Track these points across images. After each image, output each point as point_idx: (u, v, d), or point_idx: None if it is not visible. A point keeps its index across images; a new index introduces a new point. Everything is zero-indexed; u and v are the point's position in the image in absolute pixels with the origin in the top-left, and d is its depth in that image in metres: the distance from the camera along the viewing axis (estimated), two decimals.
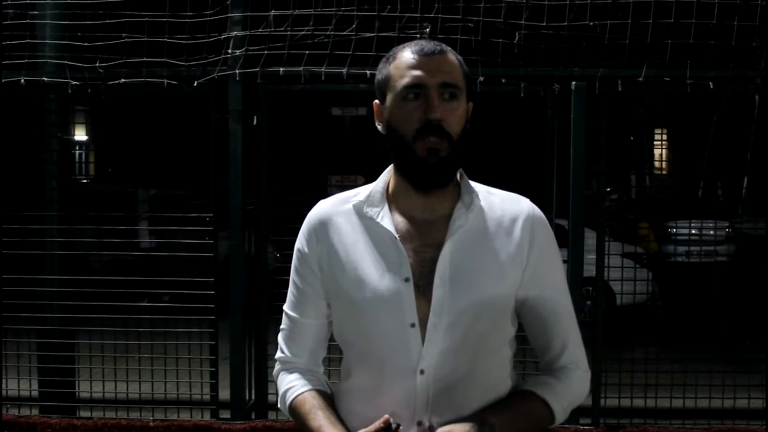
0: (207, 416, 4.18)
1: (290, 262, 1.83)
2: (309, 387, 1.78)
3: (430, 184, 1.66)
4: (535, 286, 1.71)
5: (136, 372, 4.39)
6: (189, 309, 4.16)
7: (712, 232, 6.68)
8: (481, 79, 3.90)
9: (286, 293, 1.85)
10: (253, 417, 4.19)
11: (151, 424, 3.99)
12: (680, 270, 8.58)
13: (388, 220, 1.70)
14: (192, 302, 4.14)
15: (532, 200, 1.79)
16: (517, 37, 3.91)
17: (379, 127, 1.71)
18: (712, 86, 3.93)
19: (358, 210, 1.73)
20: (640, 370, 4.26)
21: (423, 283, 1.65)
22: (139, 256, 5.16)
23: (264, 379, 4.25)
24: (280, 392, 1.82)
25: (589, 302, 5.01)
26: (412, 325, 1.64)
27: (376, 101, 1.72)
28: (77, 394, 4.47)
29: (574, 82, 3.96)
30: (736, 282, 8.25)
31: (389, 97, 1.66)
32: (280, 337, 1.87)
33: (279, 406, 1.84)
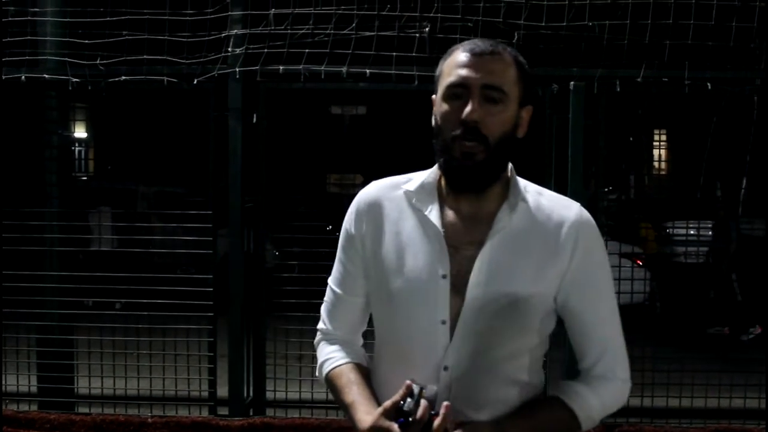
0: (205, 413, 4.19)
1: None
2: (347, 360, 1.79)
3: (465, 186, 1.66)
4: (576, 291, 1.69)
5: (134, 368, 4.40)
6: (188, 306, 4.17)
7: (710, 232, 6.72)
8: None
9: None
10: (251, 414, 4.20)
11: (149, 420, 4.00)
12: (678, 270, 8.61)
13: (435, 214, 1.69)
14: (191, 299, 4.15)
15: None
16: (516, 37, 3.92)
17: (433, 121, 1.70)
18: (710, 87, 3.94)
19: (409, 199, 1.73)
20: (636, 369, 4.26)
21: (459, 281, 1.65)
22: (138, 252, 5.15)
23: (262, 376, 4.26)
24: (319, 361, 1.84)
25: None
26: (443, 322, 1.64)
27: (434, 95, 1.71)
28: (76, 390, 4.48)
29: (572, 82, 3.97)
30: (733, 280, 8.32)
31: (438, 93, 1.67)
32: (323, 309, 1.88)
33: (317, 374, 1.86)
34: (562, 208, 1.73)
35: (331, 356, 1.82)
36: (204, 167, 4.16)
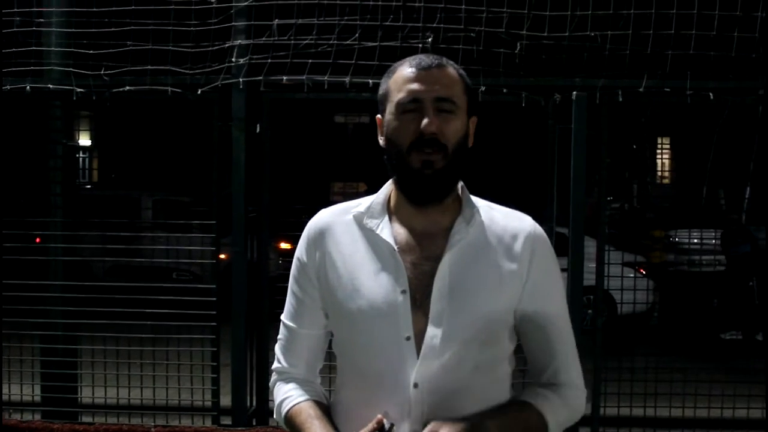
0: (208, 422, 4.19)
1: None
2: (305, 397, 1.76)
3: (425, 197, 1.64)
4: (534, 302, 1.69)
5: (137, 378, 4.41)
6: (191, 315, 4.18)
7: (713, 240, 6.71)
8: (483, 88, 3.92)
9: (287, 300, 1.85)
10: (254, 423, 4.20)
11: (152, 429, 4.00)
12: (681, 279, 8.61)
13: (387, 231, 1.67)
14: (194, 309, 4.16)
15: (534, 209, 1.78)
16: (518, 48, 3.94)
17: (381, 141, 1.70)
18: (712, 97, 3.95)
19: (358, 221, 1.72)
20: (639, 379, 4.27)
21: (420, 296, 1.63)
22: (141, 262, 5.16)
23: (265, 386, 4.26)
24: (276, 402, 1.80)
25: (590, 311, 5.02)
26: (408, 339, 1.61)
27: (378, 116, 1.71)
28: (79, 399, 4.49)
29: (575, 92, 3.99)
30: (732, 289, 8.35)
31: (387, 111, 1.65)
32: (277, 348, 1.85)
33: (275, 416, 1.83)
34: (515, 220, 1.73)
35: (288, 395, 1.76)
36: (208, 176, 4.18)
